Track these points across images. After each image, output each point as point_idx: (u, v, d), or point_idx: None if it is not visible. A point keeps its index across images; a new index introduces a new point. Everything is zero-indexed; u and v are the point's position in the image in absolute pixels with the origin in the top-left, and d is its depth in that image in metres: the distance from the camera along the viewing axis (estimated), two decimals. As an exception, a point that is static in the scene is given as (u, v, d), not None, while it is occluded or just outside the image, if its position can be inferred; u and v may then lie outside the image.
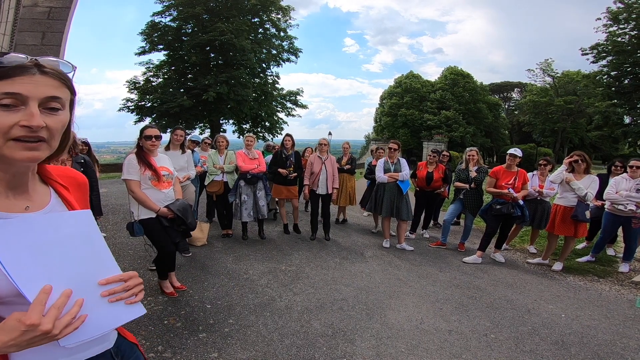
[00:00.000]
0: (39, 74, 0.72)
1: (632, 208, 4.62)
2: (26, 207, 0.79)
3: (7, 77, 0.69)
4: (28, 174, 0.80)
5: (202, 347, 2.76)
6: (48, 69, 0.74)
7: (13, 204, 0.77)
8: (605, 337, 3.18)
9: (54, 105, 0.74)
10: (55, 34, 6.93)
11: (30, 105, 0.70)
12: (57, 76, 0.75)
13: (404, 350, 2.84)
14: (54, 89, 0.74)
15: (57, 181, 0.88)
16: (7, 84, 0.69)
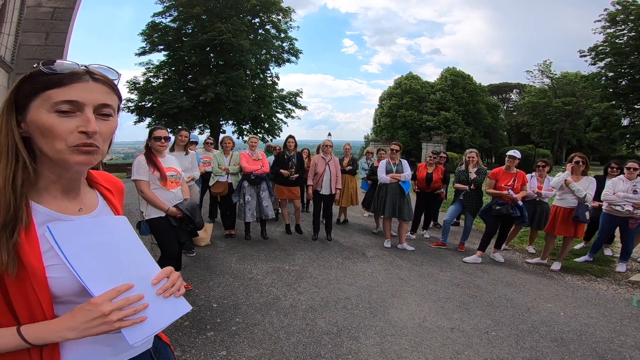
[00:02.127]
0: (92, 81, 0.76)
1: (629, 209, 4.70)
2: (79, 209, 0.85)
3: (62, 84, 0.73)
4: (80, 178, 0.86)
5: (211, 345, 2.83)
6: (98, 75, 0.78)
7: (67, 206, 0.82)
8: (602, 335, 3.26)
9: (106, 111, 0.78)
10: (59, 34, 6.98)
11: (85, 112, 0.74)
12: (107, 83, 0.79)
13: (408, 347, 2.91)
14: (106, 95, 0.78)
15: (102, 185, 0.95)
16: (64, 92, 0.73)
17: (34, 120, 0.73)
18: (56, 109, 0.72)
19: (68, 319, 0.74)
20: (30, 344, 0.73)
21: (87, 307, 0.74)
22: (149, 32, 22.77)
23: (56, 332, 0.73)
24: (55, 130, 0.72)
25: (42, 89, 0.73)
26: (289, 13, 24.51)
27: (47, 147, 0.74)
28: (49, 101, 0.72)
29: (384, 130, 36.69)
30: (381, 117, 37.92)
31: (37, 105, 0.73)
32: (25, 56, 6.73)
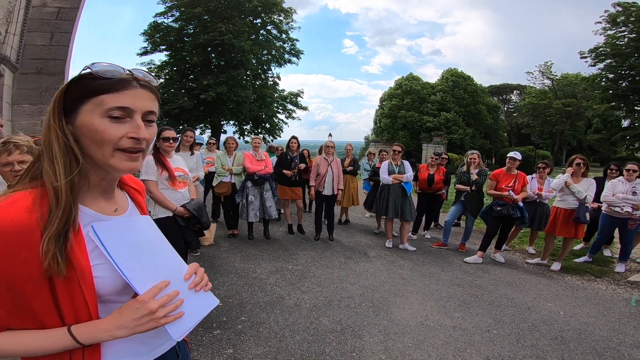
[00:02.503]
0: (140, 88, 0.78)
1: (629, 210, 4.76)
2: (115, 209, 0.89)
3: (114, 90, 0.74)
4: (117, 180, 0.91)
5: (217, 343, 2.88)
6: (144, 82, 0.79)
7: (105, 207, 0.86)
8: (602, 334, 3.32)
9: (151, 117, 0.81)
10: (63, 34, 7.06)
11: (135, 118, 0.76)
12: (152, 90, 0.81)
13: (411, 345, 2.97)
14: (151, 102, 0.80)
15: (131, 186, 1.00)
16: (116, 97, 0.74)
17: (85, 124, 0.74)
18: (109, 114, 0.74)
19: (117, 318, 0.77)
20: (80, 344, 0.75)
21: (135, 305, 0.77)
22: (150, 32, 22.82)
23: (106, 331, 0.76)
24: (106, 135, 0.74)
25: (94, 93, 0.74)
26: (291, 14, 24.55)
27: (95, 152, 0.76)
28: (102, 106, 0.74)
29: (385, 131, 36.75)
30: (382, 117, 37.98)
31: (89, 109, 0.74)
32: (30, 56, 6.81)
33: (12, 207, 0.70)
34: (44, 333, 0.75)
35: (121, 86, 0.75)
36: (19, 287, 0.70)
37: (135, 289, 0.78)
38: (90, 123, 0.74)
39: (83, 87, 0.75)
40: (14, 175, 1.85)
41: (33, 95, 6.72)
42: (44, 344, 0.74)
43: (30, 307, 0.72)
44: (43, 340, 0.74)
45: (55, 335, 0.75)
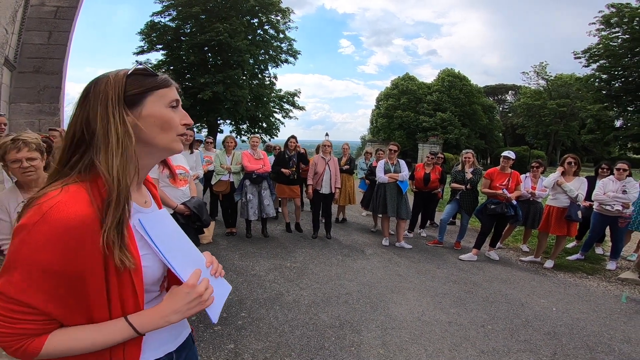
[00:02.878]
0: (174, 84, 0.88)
1: (619, 208, 4.87)
2: (145, 201, 0.93)
3: (167, 85, 0.85)
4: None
5: (218, 339, 2.94)
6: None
7: (137, 199, 0.90)
8: (593, 329, 3.40)
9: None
10: (61, 33, 7.06)
11: (180, 108, 0.88)
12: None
13: (408, 339, 3.05)
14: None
15: (149, 181, 1.05)
16: (171, 91, 0.85)
17: (152, 114, 0.82)
18: (170, 105, 0.85)
19: (170, 303, 0.82)
20: (138, 333, 0.79)
21: (185, 290, 0.83)
22: (147, 32, 22.80)
23: (163, 317, 0.81)
24: (173, 122, 0.84)
25: (157, 87, 0.83)
26: (288, 14, 24.59)
27: (161, 137, 0.83)
28: (166, 98, 0.84)
29: (381, 130, 36.89)
30: (378, 117, 38.13)
31: (154, 100, 0.82)
32: (28, 55, 6.81)
33: (75, 200, 0.72)
34: (102, 326, 0.77)
35: (169, 82, 0.86)
36: (82, 279, 0.72)
37: (179, 275, 0.84)
38: (159, 112, 0.83)
39: (142, 82, 0.82)
40: (22, 172, 1.88)
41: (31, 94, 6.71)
42: (105, 337, 0.76)
43: (87, 300, 0.75)
44: (104, 334, 0.76)
45: (115, 327, 0.77)
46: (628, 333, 3.34)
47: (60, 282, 0.71)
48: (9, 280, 0.69)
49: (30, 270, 0.69)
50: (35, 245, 0.68)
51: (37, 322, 0.72)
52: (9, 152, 1.87)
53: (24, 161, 1.87)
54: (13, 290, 0.69)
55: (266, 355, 2.72)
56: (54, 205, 0.69)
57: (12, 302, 0.70)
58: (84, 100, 0.79)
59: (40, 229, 0.68)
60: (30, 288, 0.69)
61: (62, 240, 0.69)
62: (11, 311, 0.70)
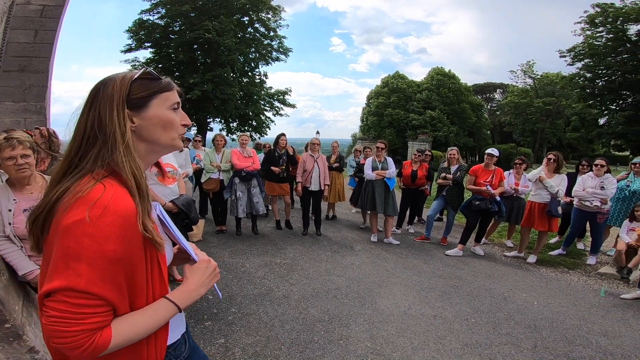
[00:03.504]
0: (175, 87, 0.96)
1: (597, 204, 5.03)
2: None
3: (170, 89, 0.93)
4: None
5: (209, 334, 2.99)
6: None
7: None
8: (572, 322, 3.54)
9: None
10: (47, 31, 6.92)
11: (180, 110, 0.97)
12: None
13: (394, 333, 3.14)
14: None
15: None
16: (172, 95, 0.93)
17: (157, 115, 0.90)
18: (172, 107, 0.93)
19: (196, 278, 0.95)
20: (179, 310, 0.89)
21: (203, 265, 0.97)
22: (135, 30, 22.48)
23: (195, 291, 0.93)
24: (175, 122, 0.93)
25: (161, 90, 0.91)
26: (279, 12, 24.47)
27: (165, 136, 0.92)
28: (168, 101, 0.92)
29: (372, 128, 36.96)
30: (369, 115, 38.19)
31: (158, 103, 0.90)
32: (13, 53, 6.66)
33: (121, 194, 0.78)
34: (149, 310, 0.84)
35: (172, 86, 0.94)
36: (133, 267, 0.80)
37: (192, 255, 0.98)
38: (163, 114, 0.91)
39: (148, 86, 0.89)
40: (17, 169, 1.93)
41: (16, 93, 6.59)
42: (156, 318, 0.84)
43: (134, 287, 0.82)
44: (156, 316, 0.84)
45: (161, 308, 0.86)
46: (605, 327, 3.47)
47: (121, 270, 0.77)
48: (77, 274, 0.71)
49: (97, 261, 0.72)
50: (103, 237, 0.72)
51: (104, 314, 0.76)
52: (3, 149, 1.91)
53: (18, 158, 1.92)
54: (84, 283, 0.71)
55: (256, 349, 2.78)
56: (113, 198, 0.76)
57: (82, 296, 0.72)
58: (92, 102, 0.85)
59: (106, 220, 0.73)
60: (99, 279, 0.72)
61: (123, 231, 0.75)
62: (81, 306, 0.72)
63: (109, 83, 0.85)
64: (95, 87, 0.86)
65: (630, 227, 4.99)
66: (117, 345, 0.77)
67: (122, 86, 0.85)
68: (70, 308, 0.71)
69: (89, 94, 0.86)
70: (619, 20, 23.10)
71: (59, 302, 0.71)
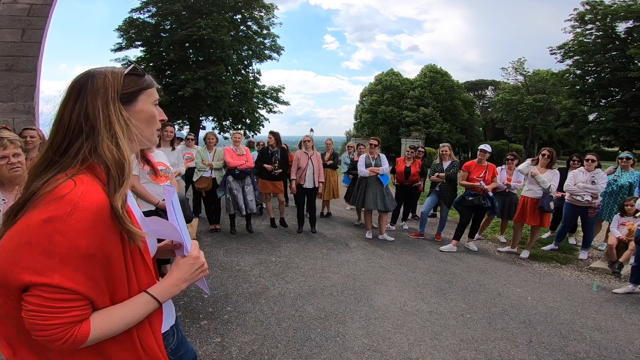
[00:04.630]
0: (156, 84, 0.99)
1: (588, 199, 5.09)
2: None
3: (153, 86, 0.96)
4: None
5: (205, 333, 2.97)
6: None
7: None
8: (566, 317, 3.56)
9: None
10: (35, 30, 6.80)
11: (157, 106, 0.99)
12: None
13: (391, 329, 3.15)
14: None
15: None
16: (154, 92, 0.97)
17: (144, 110, 0.93)
18: (154, 103, 0.96)
19: (179, 273, 0.95)
20: (160, 303, 0.89)
21: (190, 261, 0.97)
22: (125, 28, 22.23)
23: (176, 285, 0.93)
24: (156, 118, 0.97)
25: (148, 87, 0.94)
26: (272, 9, 24.35)
27: (147, 131, 0.95)
28: (152, 97, 0.96)
29: (365, 126, 37.04)
30: (362, 113, 38.25)
31: (145, 99, 0.93)
32: (0, 53, 6.54)
33: (94, 188, 0.79)
34: (129, 303, 0.85)
35: (154, 83, 0.97)
36: (109, 261, 0.79)
37: (187, 247, 0.98)
38: (148, 109, 0.94)
39: (137, 81, 0.92)
40: (9, 168, 1.91)
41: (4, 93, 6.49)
42: (136, 312, 0.85)
43: (112, 281, 0.82)
44: (135, 310, 0.85)
45: (140, 302, 0.87)
46: (599, 321, 3.50)
47: (96, 265, 0.77)
48: (52, 271, 0.72)
49: (71, 257, 0.73)
50: (74, 233, 0.73)
51: (82, 308, 0.77)
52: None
53: (11, 157, 1.91)
54: (58, 279, 0.72)
55: (253, 348, 2.77)
56: (82, 195, 0.75)
57: (59, 291, 0.73)
58: (78, 94, 0.84)
59: (76, 216, 0.73)
60: (74, 274, 0.74)
61: (94, 226, 0.75)
62: (59, 301, 0.74)
63: (98, 76, 0.85)
64: (79, 80, 0.86)
65: (621, 221, 5.06)
66: (97, 337, 0.79)
67: (115, 80, 0.86)
68: (47, 302, 0.73)
69: (72, 87, 0.85)
70: (608, 17, 23.41)
71: (35, 297, 0.73)
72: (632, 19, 22.81)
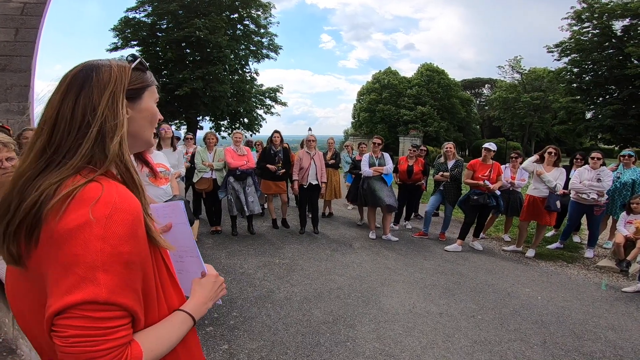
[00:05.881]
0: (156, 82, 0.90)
1: (594, 197, 5.04)
2: None
3: (154, 83, 0.87)
4: None
5: (212, 340, 2.88)
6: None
7: None
8: (578, 317, 3.51)
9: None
10: (29, 30, 6.66)
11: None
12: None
13: (402, 332, 3.07)
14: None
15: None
16: (155, 89, 0.88)
17: (148, 108, 0.84)
18: (155, 101, 0.88)
19: (204, 291, 0.90)
20: (194, 322, 0.83)
21: (212, 280, 0.93)
22: (121, 28, 22.04)
23: (205, 304, 0.89)
24: (157, 117, 0.88)
25: (151, 84, 0.86)
26: (269, 8, 24.23)
27: (149, 131, 0.86)
28: (154, 95, 0.87)
29: (364, 124, 37.01)
30: (360, 111, 38.20)
31: (148, 96, 0.85)
32: (-6, 52, 6.41)
33: (124, 190, 0.71)
34: (169, 322, 0.77)
35: (154, 81, 0.88)
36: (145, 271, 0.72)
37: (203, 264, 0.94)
38: (152, 107, 0.86)
39: (142, 77, 0.83)
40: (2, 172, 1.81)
41: (-3, 92, 6.35)
42: (176, 331, 0.78)
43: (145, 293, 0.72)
44: (175, 329, 0.77)
45: (178, 320, 0.80)
46: (611, 320, 3.45)
47: (137, 275, 0.68)
48: (97, 285, 0.61)
49: (115, 266, 0.63)
50: (116, 238, 0.64)
51: (127, 327, 0.66)
52: None
53: (4, 161, 1.82)
54: (105, 293, 0.61)
55: (262, 355, 2.68)
56: (118, 195, 0.67)
57: (107, 308, 0.62)
58: (81, 87, 0.73)
59: (117, 219, 0.64)
60: (120, 287, 0.63)
61: (134, 229, 0.67)
62: (105, 320, 0.62)
63: (103, 68, 0.75)
64: (80, 72, 0.75)
65: (628, 219, 5.01)
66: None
67: (122, 74, 0.77)
68: (94, 323, 0.61)
69: (72, 79, 0.74)
70: (605, 15, 23.45)
71: (78, 319, 0.60)
72: (629, 17, 22.85)
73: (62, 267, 0.61)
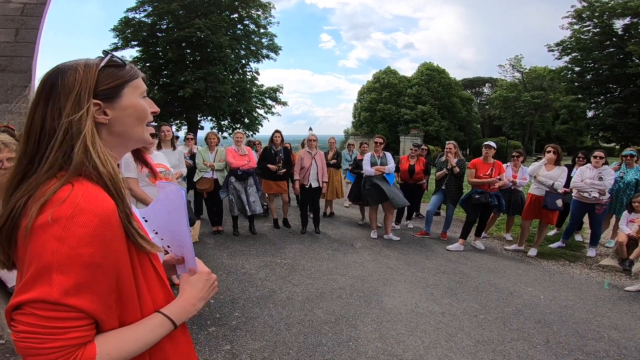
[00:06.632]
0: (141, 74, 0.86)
1: (596, 195, 5.02)
2: None
3: (138, 76, 0.83)
4: None
5: (214, 340, 2.87)
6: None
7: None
8: (581, 316, 3.49)
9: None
10: (29, 30, 6.65)
11: (147, 97, 0.86)
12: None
13: (404, 332, 3.06)
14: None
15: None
16: (141, 82, 0.83)
17: (132, 105, 0.80)
18: (142, 95, 0.84)
19: (194, 291, 0.85)
20: (175, 326, 0.78)
21: (204, 277, 0.88)
22: (121, 28, 22.05)
23: (193, 305, 0.84)
24: (147, 112, 0.84)
25: (132, 78, 0.81)
26: (269, 8, 24.23)
27: (137, 128, 0.82)
28: (139, 89, 0.82)
29: (364, 124, 37.05)
30: (361, 111, 38.22)
31: (130, 92, 0.80)
32: (-6, 52, 6.42)
33: (95, 191, 0.68)
34: (141, 325, 0.74)
35: (138, 73, 0.84)
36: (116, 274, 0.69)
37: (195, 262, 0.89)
38: (137, 103, 0.81)
39: (117, 74, 0.78)
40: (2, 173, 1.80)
41: (-2, 93, 6.35)
42: (149, 335, 0.74)
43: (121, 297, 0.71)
44: (148, 333, 0.74)
45: (154, 323, 0.76)
46: (614, 320, 3.43)
47: (101, 277, 0.66)
48: (49, 284, 0.61)
49: (71, 268, 0.62)
50: (75, 239, 0.62)
51: (84, 328, 0.65)
52: None
53: (5, 162, 1.80)
54: (57, 294, 0.61)
55: (264, 355, 2.67)
56: (84, 195, 0.65)
57: (57, 308, 0.62)
58: (49, 95, 0.72)
59: (78, 220, 0.63)
60: (75, 289, 0.62)
61: (100, 231, 0.65)
62: (57, 320, 0.62)
63: (68, 72, 0.73)
64: (48, 78, 0.73)
65: (630, 218, 5.00)
66: None
67: (87, 75, 0.73)
68: (41, 322, 0.61)
69: (43, 85, 0.73)
70: (605, 14, 23.42)
71: (27, 316, 0.62)
72: (630, 16, 22.83)
73: (26, 265, 0.63)
